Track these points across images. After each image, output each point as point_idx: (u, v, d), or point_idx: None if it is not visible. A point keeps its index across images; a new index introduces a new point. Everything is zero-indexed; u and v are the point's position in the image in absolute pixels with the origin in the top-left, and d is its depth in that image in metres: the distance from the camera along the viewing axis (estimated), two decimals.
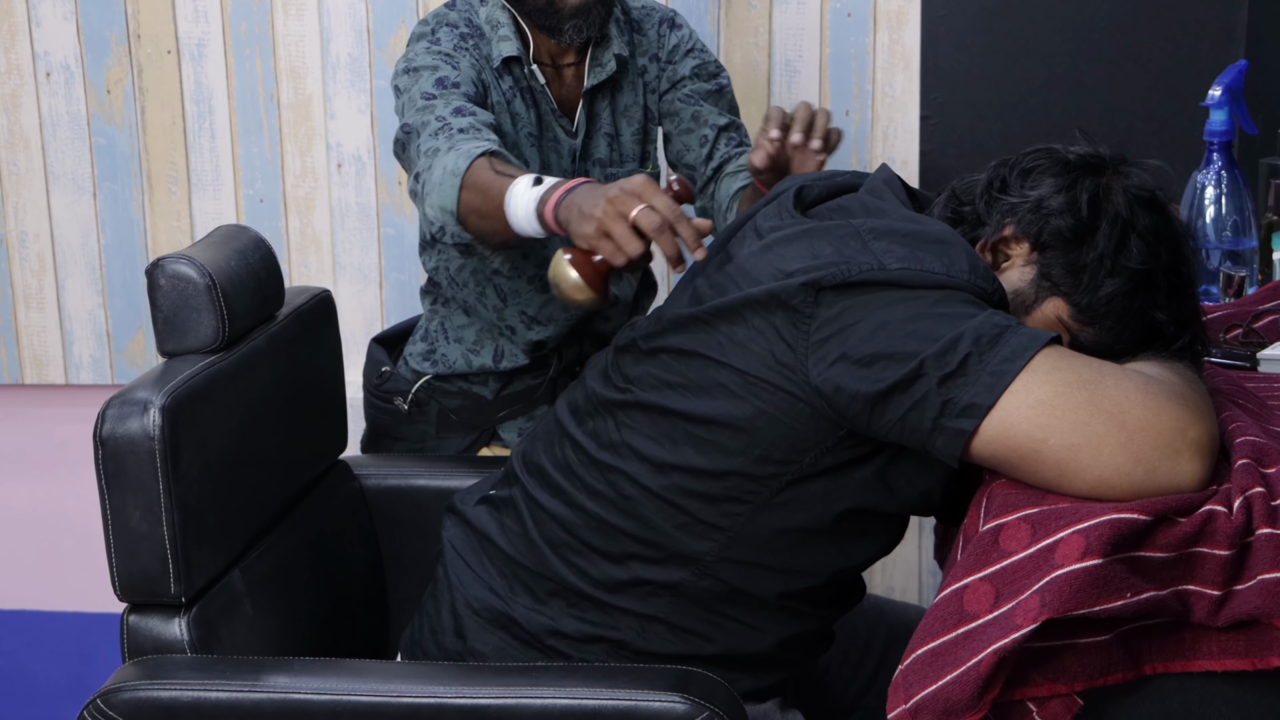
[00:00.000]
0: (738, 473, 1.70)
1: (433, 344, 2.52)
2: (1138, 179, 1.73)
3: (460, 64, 2.31)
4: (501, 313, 2.46)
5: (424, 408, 2.52)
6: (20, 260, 3.24)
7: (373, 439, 2.61)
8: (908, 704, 1.49)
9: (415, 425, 2.53)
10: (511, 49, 2.36)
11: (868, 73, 2.96)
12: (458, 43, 2.35)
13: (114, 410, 1.80)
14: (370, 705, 1.69)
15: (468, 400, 2.52)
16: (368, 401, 2.60)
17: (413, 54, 2.34)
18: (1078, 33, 2.79)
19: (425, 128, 2.18)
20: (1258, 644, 1.46)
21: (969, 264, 1.64)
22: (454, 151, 2.08)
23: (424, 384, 2.52)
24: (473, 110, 2.21)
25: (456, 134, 2.13)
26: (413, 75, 2.30)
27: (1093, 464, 1.50)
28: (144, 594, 1.83)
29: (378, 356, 2.59)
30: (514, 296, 2.44)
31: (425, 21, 2.39)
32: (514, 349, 2.48)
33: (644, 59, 2.50)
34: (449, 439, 2.52)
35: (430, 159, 2.12)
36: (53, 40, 3.13)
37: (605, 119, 2.46)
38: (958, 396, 1.55)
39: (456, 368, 2.50)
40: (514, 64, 2.39)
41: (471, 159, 2.05)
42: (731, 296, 1.69)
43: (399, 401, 2.53)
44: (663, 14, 2.53)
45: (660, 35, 2.51)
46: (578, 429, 1.83)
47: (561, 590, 1.82)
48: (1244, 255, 2.28)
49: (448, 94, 2.24)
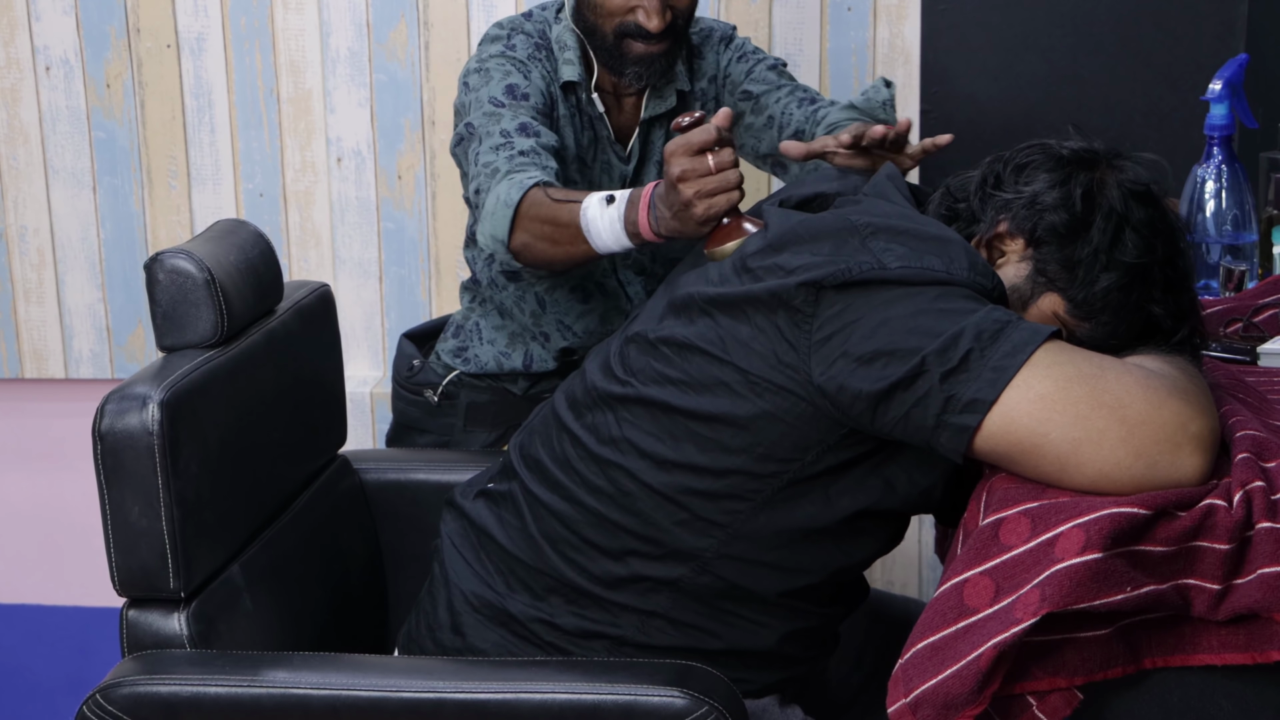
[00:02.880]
0: (739, 471, 1.70)
1: (465, 342, 2.55)
2: (1132, 173, 1.73)
3: (532, 74, 2.32)
4: (539, 319, 2.47)
5: (454, 400, 2.55)
6: (20, 254, 3.24)
7: (398, 431, 2.64)
8: (908, 698, 1.49)
9: (443, 418, 2.55)
10: (573, 74, 2.37)
11: (867, 67, 2.96)
12: (532, 52, 2.36)
13: (113, 405, 1.80)
14: (369, 700, 1.69)
15: (497, 395, 2.55)
16: (396, 394, 2.63)
17: (485, 55, 2.35)
18: (1078, 27, 2.79)
19: (488, 137, 2.20)
20: (1257, 638, 1.46)
21: (968, 261, 1.64)
22: (508, 180, 2.10)
23: (455, 377, 2.54)
24: (537, 130, 2.22)
25: (517, 155, 2.15)
26: (483, 75, 2.31)
27: (1093, 458, 1.50)
28: (143, 589, 1.83)
29: (408, 350, 2.63)
30: (553, 305, 2.46)
31: (501, 25, 2.41)
32: (544, 354, 2.50)
33: (703, 82, 2.50)
34: (476, 433, 2.55)
35: (488, 179, 2.14)
36: (52, 34, 3.13)
37: (660, 147, 2.46)
38: (960, 393, 1.55)
39: (487, 369, 2.53)
40: (574, 87, 2.40)
41: (524, 190, 2.07)
42: (733, 289, 1.69)
43: (429, 394, 2.56)
44: (721, 33, 2.53)
45: (717, 55, 2.51)
46: (576, 422, 1.83)
47: (559, 587, 1.81)
48: (1244, 250, 2.28)
49: (516, 105, 2.25)
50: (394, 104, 3.08)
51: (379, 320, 3.18)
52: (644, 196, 1.93)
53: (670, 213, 1.86)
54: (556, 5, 2.44)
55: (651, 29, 2.29)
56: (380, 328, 3.18)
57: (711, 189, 1.81)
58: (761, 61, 2.50)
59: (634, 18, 2.30)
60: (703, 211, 1.82)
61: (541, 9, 2.46)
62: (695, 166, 1.81)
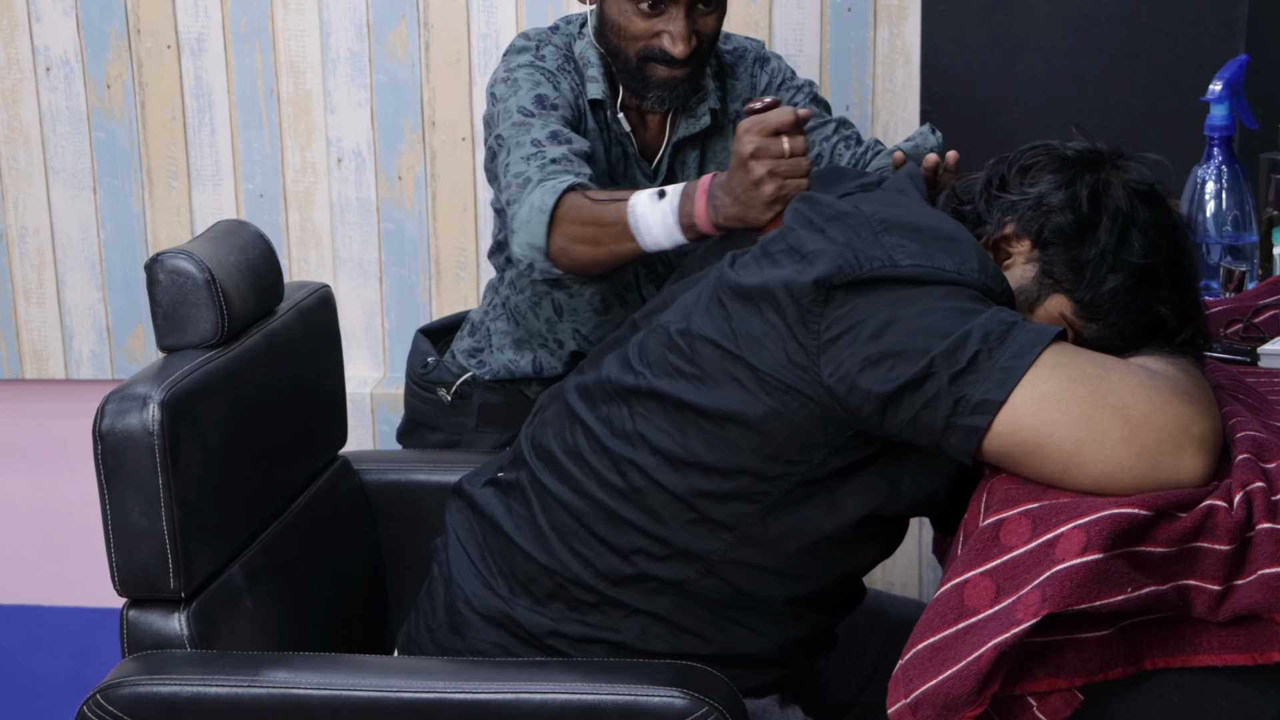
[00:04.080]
0: (747, 471, 1.70)
1: (481, 343, 2.54)
2: (1137, 173, 1.72)
3: (561, 85, 2.30)
4: (554, 326, 2.46)
5: (467, 400, 2.55)
6: (20, 255, 3.24)
7: (410, 428, 2.64)
8: (908, 699, 1.49)
9: (455, 417, 2.55)
10: (599, 91, 2.35)
11: (868, 68, 2.96)
12: (561, 64, 2.33)
13: (113, 405, 1.80)
14: (369, 700, 1.69)
15: (510, 397, 2.54)
16: (409, 390, 2.63)
17: (513, 65, 2.32)
18: (1078, 28, 2.79)
19: (519, 147, 2.17)
20: (1258, 639, 1.46)
21: (979, 262, 1.63)
22: (541, 187, 2.08)
23: (469, 378, 2.54)
24: (569, 137, 2.20)
25: (549, 164, 2.12)
26: (511, 85, 2.28)
27: (1096, 459, 1.50)
28: (143, 589, 1.83)
29: (423, 347, 2.62)
30: (570, 314, 2.45)
31: (528, 36, 2.38)
32: (553, 361, 2.49)
33: (737, 104, 2.46)
34: (487, 433, 2.54)
35: (520, 190, 2.11)
36: (53, 35, 3.13)
37: (692, 167, 2.44)
38: (969, 394, 1.55)
39: (500, 375, 2.52)
40: (599, 105, 2.37)
41: (559, 194, 2.05)
42: (750, 278, 1.69)
43: (442, 392, 2.55)
44: (756, 54, 2.49)
45: (753, 77, 2.48)
46: (590, 413, 1.82)
47: (561, 592, 1.81)
48: (1244, 250, 2.28)
49: (546, 114, 2.23)
50: (394, 105, 3.08)
51: (379, 321, 3.18)
52: (701, 187, 1.91)
53: (733, 196, 1.84)
54: (580, 20, 2.41)
55: (677, 54, 2.25)
56: (380, 328, 3.18)
57: (785, 171, 1.81)
58: (801, 91, 2.47)
59: (659, 42, 2.26)
60: (773, 191, 1.81)
61: (566, 22, 2.42)
62: (770, 146, 1.80)
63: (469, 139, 3.05)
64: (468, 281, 3.10)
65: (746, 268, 1.71)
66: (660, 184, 2.41)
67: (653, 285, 2.46)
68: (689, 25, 2.25)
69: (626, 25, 2.28)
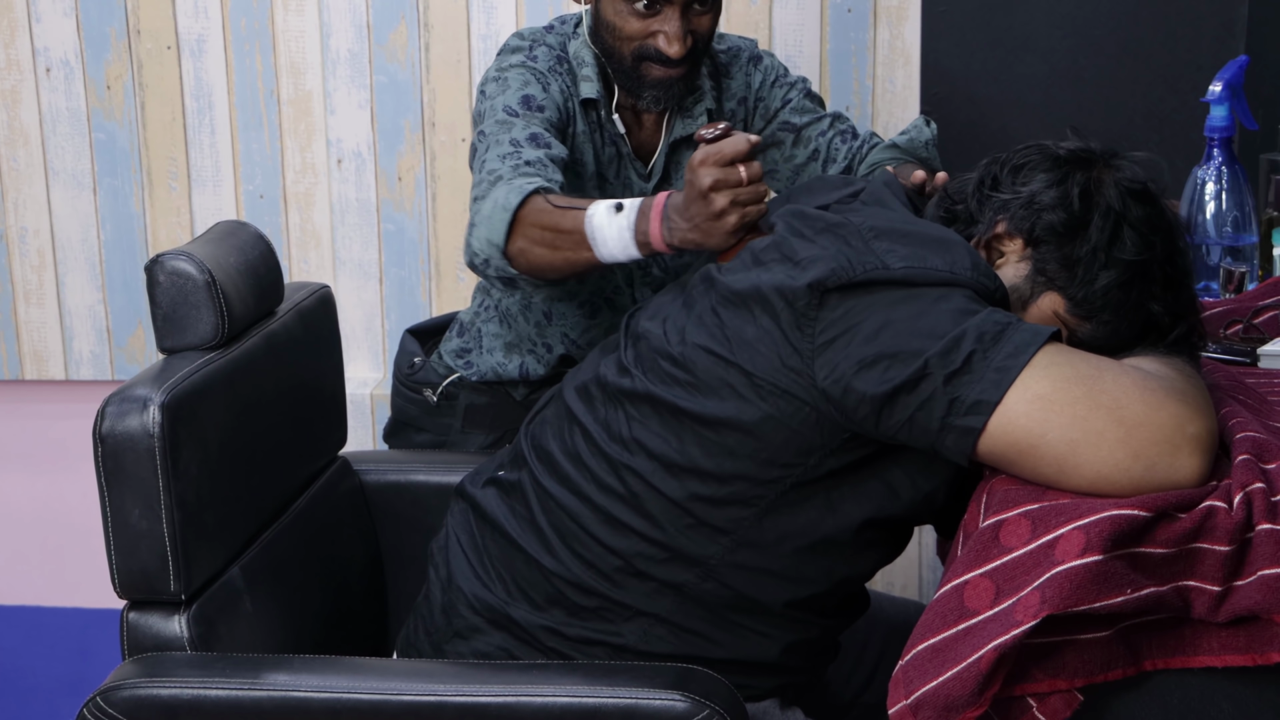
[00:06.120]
0: (743, 476, 1.70)
1: (469, 344, 2.54)
2: (1129, 171, 1.73)
3: (551, 87, 2.30)
4: (543, 329, 2.46)
5: (453, 401, 2.54)
6: (20, 256, 3.24)
7: (396, 428, 2.63)
8: (908, 700, 1.49)
9: (441, 418, 2.55)
10: (593, 91, 2.35)
11: (868, 68, 2.96)
12: (553, 65, 2.33)
13: (113, 407, 1.80)
14: (369, 703, 1.69)
15: (497, 399, 2.54)
16: (395, 390, 2.62)
17: (505, 64, 2.32)
18: (1078, 28, 2.79)
19: (497, 145, 2.18)
20: (1258, 640, 1.46)
21: (971, 261, 1.64)
22: (508, 185, 2.07)
23: (455, 379, 2.54)
24: (548, 142, 2.20)
25: (523, 165, 2.12)
26: (500, 84, 2.29)
27: (1091, 459, 1.50)
28: (143, 591, 1.83)
29: (410, 348, 2.62)
30: (559, 318, 2.45)
31: (522, 36, 2.38)
32: (538, 365, 2.49)
33: (731, 103, 2.47)
34: (473, 434, 2.54)
35: (489, 186, 2.11)
36: (53, 36, 3.13)
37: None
38: (964, 394, 1.55)
39: (487, 377, 2.52)
40: (593, 105, 2.37)
41: (524, 195, 2.04)
42: (741, 281, 1.69)
43: (428, 393, 2.55)
44: (749, 53, 2.50)
45: (747, 75, 2.48)
46: (588, 414, 1.82)
47: (561, 598, 1.81)
48: (1244, 251, 2.28)
49: (530, 116, 2.23)
50: (394, 105, 3.08)
51: (379, 321, 3.18)
52: (655, 207, 1.90)
53: (692, 224, 1.84)
54: (574, 20, 2.41)
55: (672, 55, 2.25)
56: (380, 329, 3.18)
57: (745, 199, 1.80)
58: (795, 87, 2.47)
59: (654, 43, 2.26)
60: (736, 221, 1.80)
61: (561, 22, 2.43)
62: (728, 177, 1.79)
63: (469, 140, 3.05)
64: (467, 283, 3.10)
65: (737, 273, 1.71)
66: (656, 184, 2.42)
67: (647, 288, 2.46)
68: (684, 25, 2.25)
69: (621, 25, 2.28)
